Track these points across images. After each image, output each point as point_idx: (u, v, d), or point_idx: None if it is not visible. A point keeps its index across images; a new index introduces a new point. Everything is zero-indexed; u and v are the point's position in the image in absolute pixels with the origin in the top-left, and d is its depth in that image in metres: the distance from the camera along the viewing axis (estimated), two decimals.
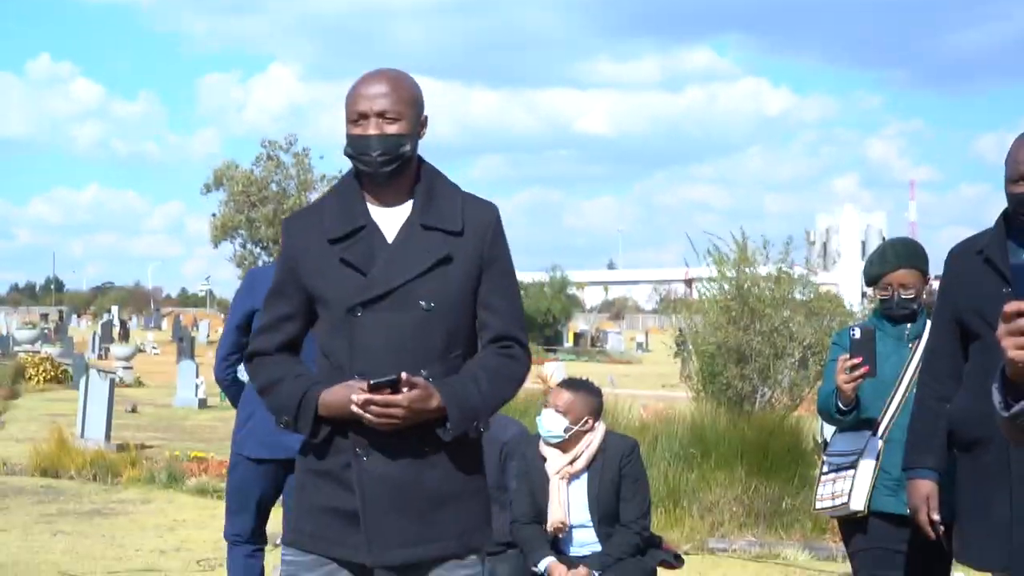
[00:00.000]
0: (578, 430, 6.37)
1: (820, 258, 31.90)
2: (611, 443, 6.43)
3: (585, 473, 6.36)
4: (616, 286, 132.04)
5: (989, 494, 4.45)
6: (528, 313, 60.04)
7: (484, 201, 4.08)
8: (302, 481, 3.95)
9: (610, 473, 6.33)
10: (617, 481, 6.34)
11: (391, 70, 4.03)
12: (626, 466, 6.36)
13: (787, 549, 12.01)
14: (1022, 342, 2.65)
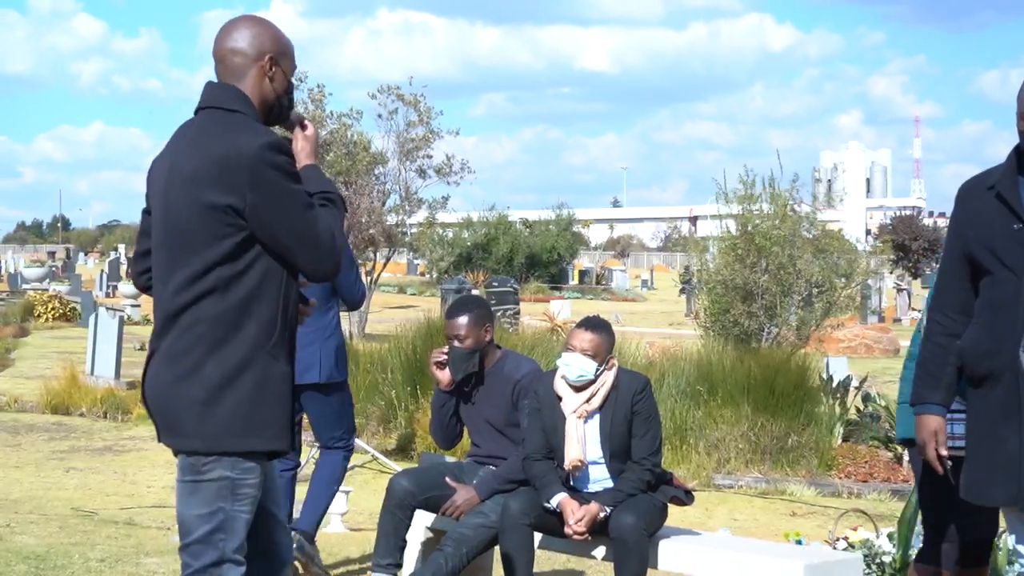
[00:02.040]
0: (604, 370, 6.41)
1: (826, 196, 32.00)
2: (623, 380, 6.48)
3: (599, 411, 6.41)
4: (621, 224, 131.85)
5: (998, 429, 4.49)
6: (533, 251, 60.41)
7: None
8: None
9: (622, 410, 6.38)
10: (629, 418, 6.38)
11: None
12: (638, 403, 6.40)
13: (793, 485, 12.10)
14: None
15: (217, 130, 4.12)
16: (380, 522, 6.87)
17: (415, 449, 12.99)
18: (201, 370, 4.05)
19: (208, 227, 4.03)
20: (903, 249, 59.96)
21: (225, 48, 4.26)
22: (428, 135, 29.77)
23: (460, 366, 6.87)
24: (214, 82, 4.30)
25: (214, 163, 4.03)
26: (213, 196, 4.00)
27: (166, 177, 4.18)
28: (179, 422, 4.12)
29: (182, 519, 4.15)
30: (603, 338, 6.45)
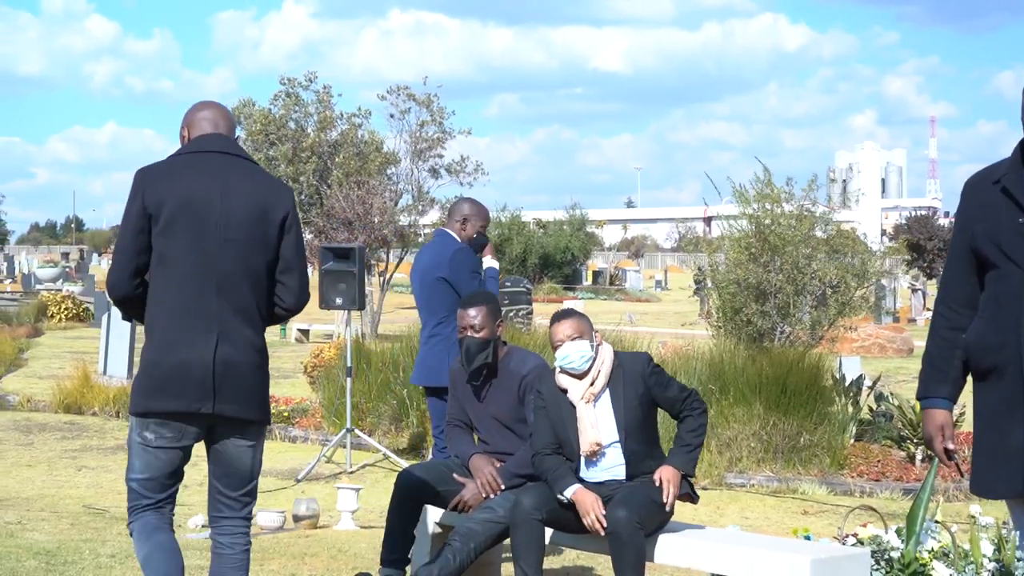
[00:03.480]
0: (596, 347, 6.48)
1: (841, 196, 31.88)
2: (626, 360, 6.57)
3: (605, 392, 6.44)
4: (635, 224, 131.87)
5: (1003, 422, 4.49)
6: (547, 251, 60.46)
7: None
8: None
9: (634, 389, 6.45)
10: (644, 395, 6.46)
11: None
12: (650, 377, 6.49)
13: (804, 484, 12.09)
14: None
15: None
16: (388, 517, 6.88)
17: (426, 448, 13.01)
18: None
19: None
20: (918, 249, 59.83)
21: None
22: (441, 135, 29.81)
23: (475, 356, 6.89)
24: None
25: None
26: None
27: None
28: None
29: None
30: (579, 320, 6.54)
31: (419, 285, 8.35)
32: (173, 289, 5.20)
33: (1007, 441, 4.45)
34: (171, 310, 5.21)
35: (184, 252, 5.19)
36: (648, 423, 6.52)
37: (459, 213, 8.41)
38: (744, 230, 15.75)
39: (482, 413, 7.05)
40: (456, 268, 8.11)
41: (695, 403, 6.52)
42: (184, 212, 5.18)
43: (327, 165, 29.81)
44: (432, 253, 8.29)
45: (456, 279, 8.10)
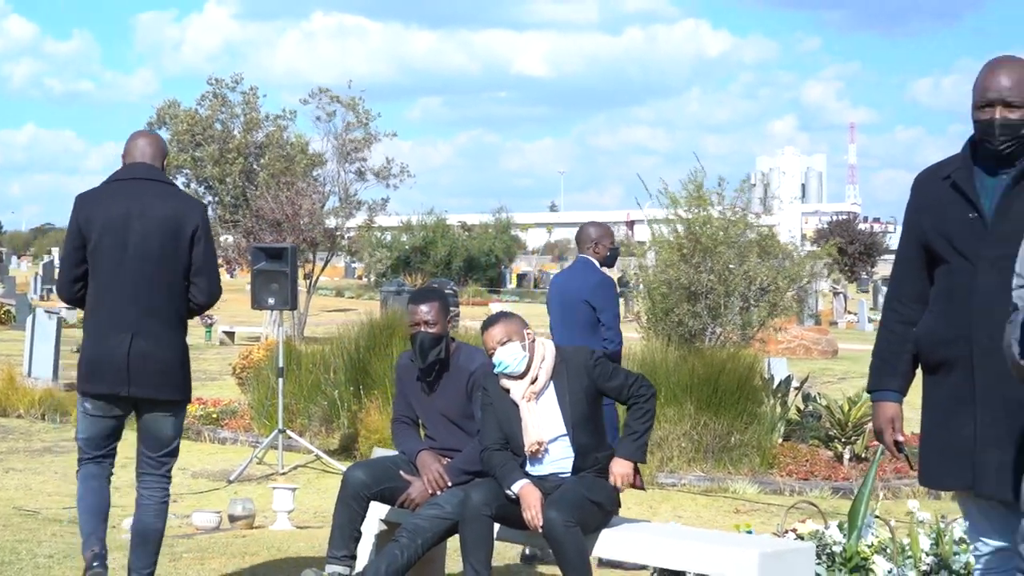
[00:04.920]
0: (529, 344, 6.51)
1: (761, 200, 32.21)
2: (568, 354, 6.62)
3: (550, 386, 6.48)
4: (559, 228, 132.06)
5: (953, 416, 4.54)
6: (472, 254, 60.44)
7: None
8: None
9: (579, 382, 6.49)
10: (589, 387, 6.50)
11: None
12: (594, 368, 6.53)
13: (735, 483, 12.18)
14: None
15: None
16: (335, 514, 6.85)
17: (358, 449, 12.98)
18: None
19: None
20: (840, 252, 60.41)
21: None
22: (367, 137, 29.75)
23: (429, 351, 6.88)
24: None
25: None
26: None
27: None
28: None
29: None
30: (507, 323, 6.56)
31: (560, 305, 9.21)
32: (100, 296, 6.45)
33: (957, 434, 4.50)
34: (98, 313, 6.47)
35: (108, 265, 6.40)
36: (595, 415, 6.57)
37: (588, 239, 9.27)
38: (676, 232, 15.84)
39: (430, 409, 7.04)
40: (603, 296, 9.00)
41: (642, 388, 6.57)
42: (108, 232, 6.38)
43: (253, 166, 29.66)
44: (577, 278, 9.20)
45: (602, 305, 8.98)
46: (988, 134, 4.48)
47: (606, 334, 8.94)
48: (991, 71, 4.48)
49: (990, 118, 4.45)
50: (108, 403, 6.51)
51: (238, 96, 30.45)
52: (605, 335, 8.94)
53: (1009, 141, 4.45)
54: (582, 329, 8.95)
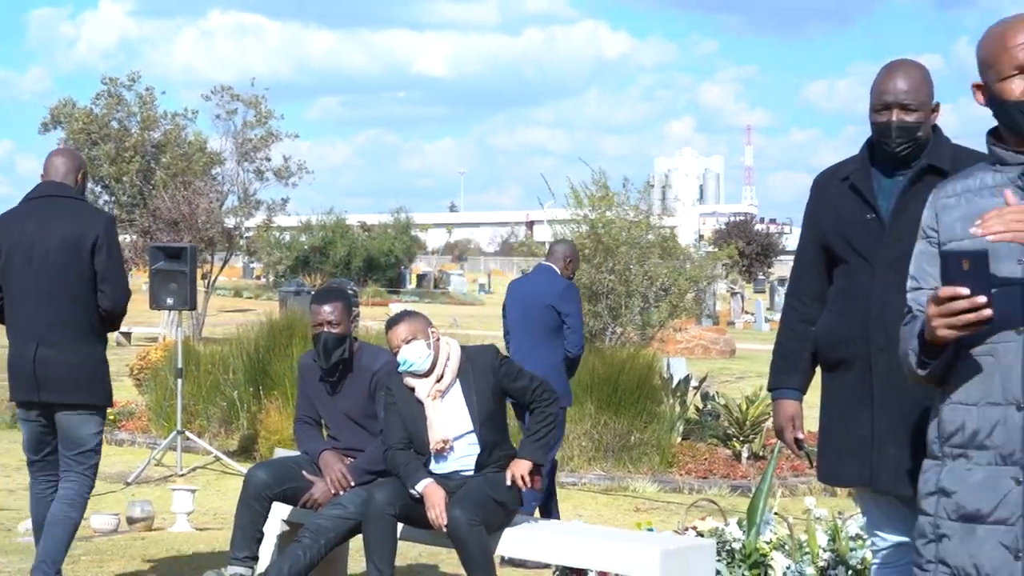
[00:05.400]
0: (434, 343, 6.52)
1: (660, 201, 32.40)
2: (474, 353, 6.65)
3: (456, 384, 6.50)
4: (459, 228, 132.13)
5: (851, 413, 4.61)
6: (371, 254, 60.24)
7: None
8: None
9: (485, 381, 6.53)
10: (495, 386, 6.54)
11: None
12: (499, 368, 6.58)
13: (635, 482, 12.27)
14: (951, 322, 3.21)
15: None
16: (237, 514, 6.81)
17: (258, 450, 12.90)
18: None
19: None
20: (737, 253, 61.06)
21: None
22: (267, 136, 29.56)
23: (332, 351, 6.87)
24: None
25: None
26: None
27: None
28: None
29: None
30: (412, 322, 6.58)
31: (521, 310, 9.35)
32: (12, 310, 6.86)
33: (855, 431, 4.57)
34: (13, 326, 6.88)
35: (17, 281, 6.80)
36: (500, 413, 6.62)
37: (562, 255, 9.55)
38: (578, 232, 15.92)
39: (333, 409, 7.03)
40: (569, 301, 9.25)
41: (545, 393, 6.61)
42: (16, 250, 6.77)
43: (151, 165, 29.34)
44: (540, 284, 9.36)
45: (568, 310, 9.19)
46: (885, 136, 4.55)
47: (570, 338, 9.17)
48: (888, 74, 4.55)
49: (887, 120, 4.52)
50: (27, 408, 6.92)
51: (134, 95, 30.13)
52: (569, 339, 9.16)
53: (906, 143, 4.52)
54: (543, 333, 9.17)
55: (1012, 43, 3.44)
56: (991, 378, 3.35)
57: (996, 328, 3.29)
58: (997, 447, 3.33)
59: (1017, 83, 3.44)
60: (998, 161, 3.52)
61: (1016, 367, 3.31)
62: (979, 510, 3.35)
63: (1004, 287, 3.29)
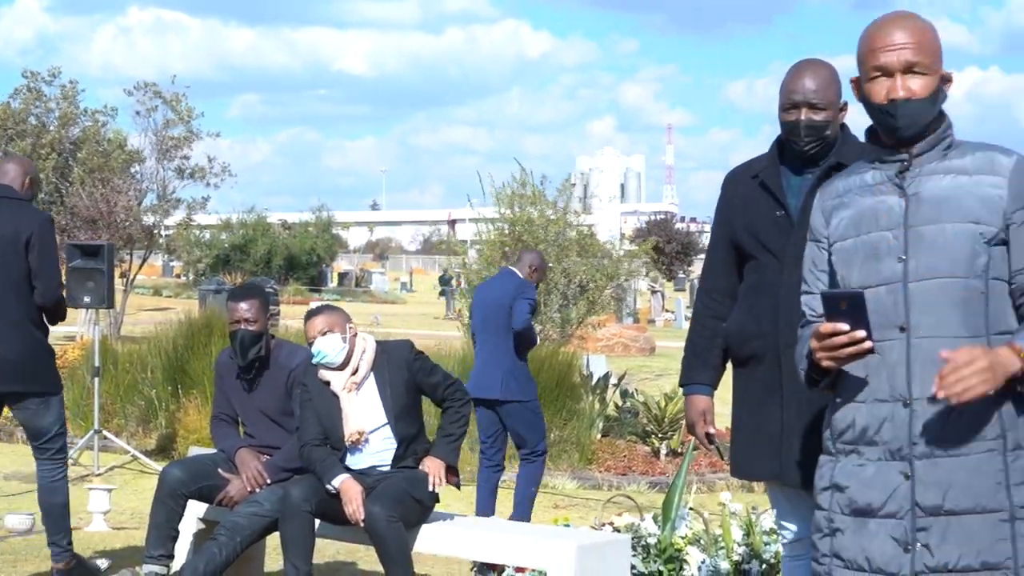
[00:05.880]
0: (351, 337, 6.55)
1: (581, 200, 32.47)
2: (390, 348, 6.70)
3: (370, 378, 6.53)
4: (380, 227, 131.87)
5: (762, 408, 4.67)
6: (292, 253, 59.97)
7: None
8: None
9: (399, 375, 6.57)
10: (409, 380, 6.59)
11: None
12: (414, 362, 6.65)
13: (555, 479, 12.31)
14: (833, 356, 3.34)
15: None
16: (152, 513, 6.79)
17: (176, 449, 12.82)
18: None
19: None
20: (657, 251, 61.35)
21: None
22: (188, 135, 29.31)
23: (249, 349, 6.87)
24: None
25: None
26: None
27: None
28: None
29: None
30: (330, 315, 6.64)
31: (483, 312, 9.64)
32: None
33: (765, 426, 4.63)
34: None
35: None
36: (415, 408, 6.66)
37: (529, 263, 9.76)
38: (499, 229, 15.96)
39: (249, 407, 7.03)
40: (521, 291, 9.44)
41: (458, 393, 6.67)
42: None
43: (68, 162, 28.99)
44: (501, 287, 9.60)
45: (517, 296, 9.41)
46: (794, 135, 4.61)
47: (515, 316, 9.37)
48: (796, 74, 4.61)
49: (796, 119, 4.58)
50: None
51: (55, 90, 29.77)
52: (514, 316, 9.37)
53: (814, 142, 4.59)
54: (503, 334, 9.45)
55: (876, 45, 3.51)
56: (878, 376, 3.43)
57: (883, 323, 3.39)
58: (886, 443, 3.42)
59: (880, 85, 3.52)
60: (877, 159, 3.60)
61: (902, 365, 3.40)
62: (870, 504, 3.44)
63: (886, 285, 3.39)
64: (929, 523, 3.36)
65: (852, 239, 3.53)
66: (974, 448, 3.36)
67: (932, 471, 3.36)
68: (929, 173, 3.50)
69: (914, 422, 3.38)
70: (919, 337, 3.39)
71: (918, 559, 3.37)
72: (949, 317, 3.38)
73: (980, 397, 3.22)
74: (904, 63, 3.46)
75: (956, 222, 3.41)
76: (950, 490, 3.34)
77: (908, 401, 3.39)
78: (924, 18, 3.55)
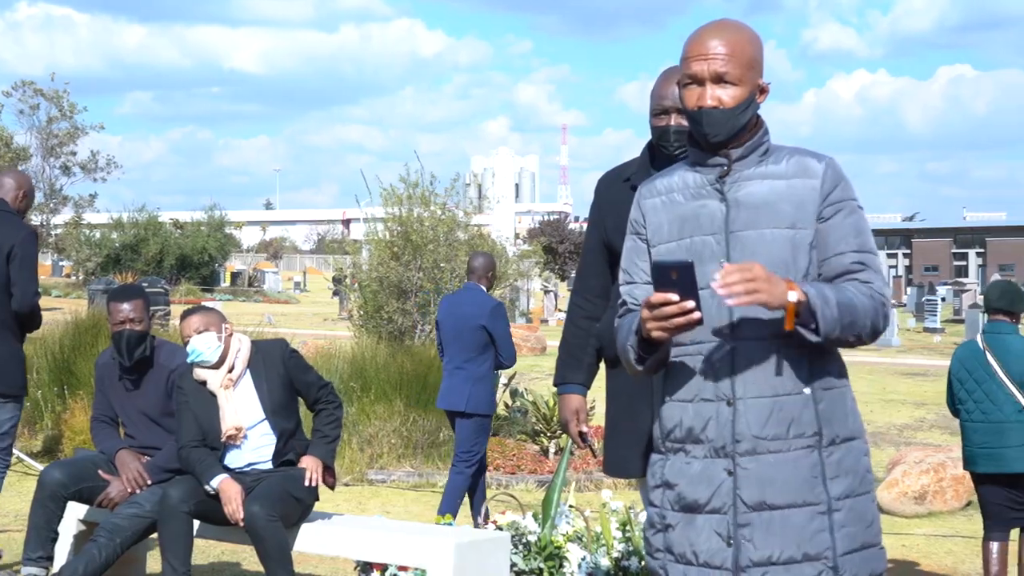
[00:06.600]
0: (226, 337, 6.60)
1: (476, 200, 32.62)
2: (265, 347, 6.79)
3: (246, 376, 6.57)
4: (274, 226, 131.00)
5: (633, 406, 4.75)
6: (184, 252, 59.42)
7: None
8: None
9: (275, 372, 6.64)
10: (285, 376, 6.66)
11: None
12: (289, 359, 6.72)
13: (444, 478, 12.34)
14: (663, 325, 3.38)
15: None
16: (31, 515, 6.75)
17: (62, 450, 12.71)
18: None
19: None
20: (551, 252, 61.66)
21: None
22: (73, 131, 29.00)
23: (134, 349, 6.85)
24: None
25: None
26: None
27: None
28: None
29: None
30: (206, 315, 6.69)
31: (454, 327, 9.82)
32: None
33: (637, 424, 4.71)
34: None
35: None
36: (292, 404, 6.72)
37: (480, 269, 10.02)
38: (390, 229, 15.98)
39: (130, 408, 7.01)
40: (496, 319, 9.73)
41: (331, 396, 6.78)
42: None
43: None
44: (471, 303, 9.82)
45: (495, 328, 9.71)
46: (664, 139, 4.70)
47: (502, 352, 9.76)
48: (666, 80, 4.70)
49: (666, 125, 4.68)
50: None
51: None
52: (501, 353, 9.76)
53: (683, 147, 4.64)
54: (474, 348, 9.73)
55: (690, 53, 3.63)
56: (703, 376, 3.55)
57: (707, 326, 3.48)
58: (711, 441, 3.53)
59: (692, 92, 3.63)
60: (697, 163, 3.70)
61: (726, 365, 3.51)
62: (697, 500, 3.55)
63: (710, 289, 3.44)
64: (751, 518, 3.48)
65: (676, 242, 3.64)
66: (793, 444, 3.49)
67: (754, 468, 3.48)
68: (747, 179, 3.62)
69: (737, 421, 3.50)
70: (742, 339, 3.51)
71: (742, 553, 3.49)
72: (769, 319, 3.49)
73: (753, 303, 3.34)
74: (713, 73, 3.56)
75: (774, 227, 3.53)
76: (771, 486, 3.47)
77: (731, 400, 3.51)
78: (746, 28, 3.66)
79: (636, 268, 3.77)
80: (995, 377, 7.72)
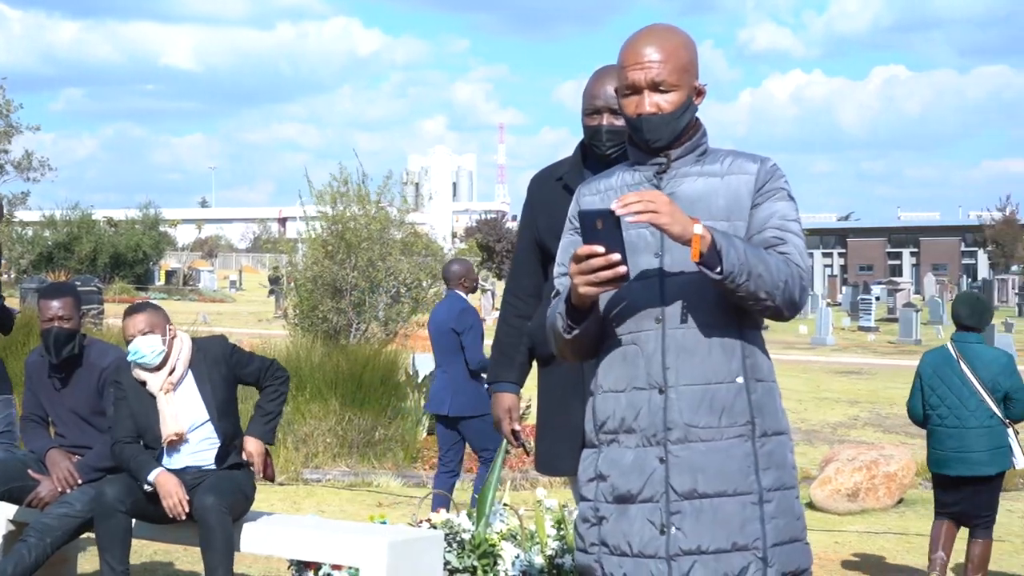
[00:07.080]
0: (170, 339, 6.52)
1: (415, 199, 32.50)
2: (206, 344, 6.71)
3: (188, 375, 6.51)
4: (209, 224, 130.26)
5: (564, 403, 4.77)
6: (118, 250, 59.05)
7: None
8: None
9: (218, 370, 6.57)
10: (228, 375, 6.60)
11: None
12: (231, 356, 6.66)
13: (379, 477, 12.36)
14: (591, 279, 3.37)
15: None
16: None
17: None
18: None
19: None
20: (488, 250, 61.70)
21: None
22: (7, 129, 28.73)
23: (63, 347, 6.80)
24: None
25: None
26: None
27: None
28: None
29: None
30: (151, 314, 6.59)
31: (434, 332, 10.25)
32: None
33: (569, 421, 4.72)
34: None
35: None
36: (233, 404, 6.67)
37: (457, 276, 10.33)
38: (324, 228, 15.95)
39: (60, 406, 6.95)
40: (464, 321, 10.00)
41: (278, 371, 6.75)
42: None
43: None
44: (446, 309, 10.24)
45: (463, 328, 9.97)
46: (596, 139, 4.72)
47: (468, 354, 9.98)
48: (598, 80, 4.71)
49: (598, 124, 4.69)
50: None
51: None
52: (467, 355, 9.98)
53: (615, 146, 4.68)
54: (450, 350, 10.06)
55: (626, 62, 3.66)
56: (636, 365, 3.57)
57: (640, 315, 3.54)
58: (643, 429, 3.55)
59: (630, 100, 3.67)
60: (637, 163, 3.75)
61: (657, 354, 3.54)
62: (630, 491, 3.57)
63: (643, 279, 3.51)
64: (683, 507, 3.50)
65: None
66: (725, 433, 3.53)
67: (685, 456, 3.51)
68: (684, 175, 3.67)
69: (669, 408, 3.52)
70: (673, 328, 3.54)
71: (673, 542, 3.50)
72: (702, 309, 3.54)
73: (649, 221, 3.36)
74: (650, 81, 3.60)
75: (710, 219, 3.56)
76: (702, 474, 3.50)
77: (663, 388, 3.54)
78: (679, 32, 3.70)
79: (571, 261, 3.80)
80: (968, 384, 8.04)
